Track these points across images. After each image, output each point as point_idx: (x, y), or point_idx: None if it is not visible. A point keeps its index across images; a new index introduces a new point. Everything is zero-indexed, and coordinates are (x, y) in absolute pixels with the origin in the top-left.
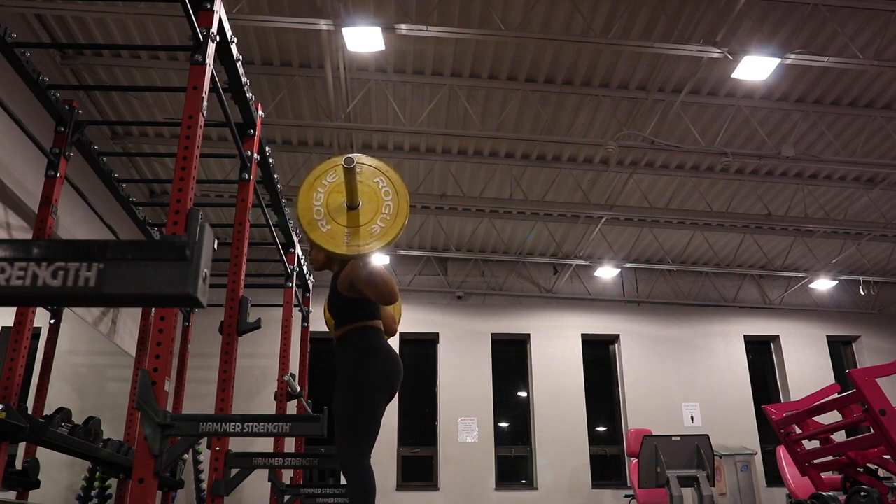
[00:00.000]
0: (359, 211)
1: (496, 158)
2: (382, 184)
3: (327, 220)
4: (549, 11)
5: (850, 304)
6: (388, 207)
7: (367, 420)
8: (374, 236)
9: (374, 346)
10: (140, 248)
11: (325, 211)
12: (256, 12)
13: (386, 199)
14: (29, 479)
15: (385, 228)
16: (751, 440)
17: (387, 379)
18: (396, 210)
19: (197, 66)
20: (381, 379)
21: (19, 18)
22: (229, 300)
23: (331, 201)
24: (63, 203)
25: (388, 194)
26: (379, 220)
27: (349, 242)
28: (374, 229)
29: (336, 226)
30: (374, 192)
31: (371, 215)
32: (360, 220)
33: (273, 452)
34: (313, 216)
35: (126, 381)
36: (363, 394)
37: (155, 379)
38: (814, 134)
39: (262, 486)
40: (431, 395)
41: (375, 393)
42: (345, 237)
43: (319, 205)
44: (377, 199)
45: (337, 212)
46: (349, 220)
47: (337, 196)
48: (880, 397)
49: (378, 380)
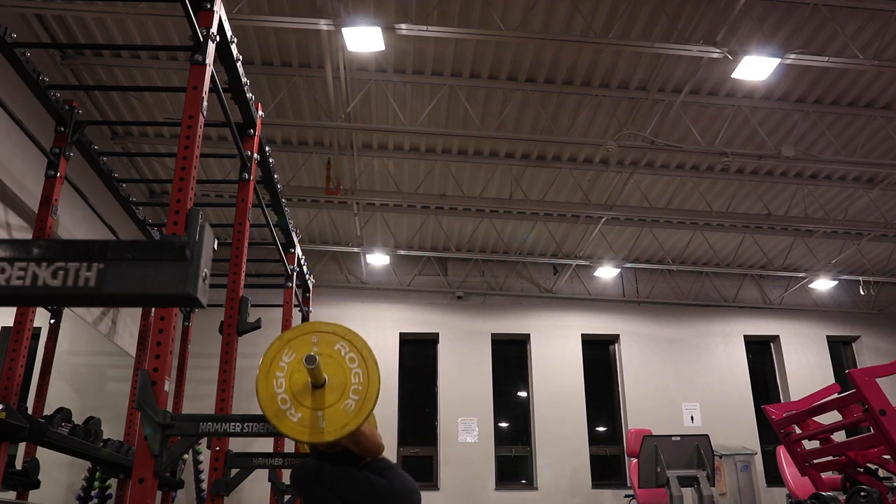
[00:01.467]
0: (325, 389)
1: (496, 158)
2: (345, 350)
3: (296, 408)
4: (549, 11)
5: (850, 304)
6: (358, 377)
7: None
8: (349, 415)
9: (398, 474)
10: (140, 248)
11: (290, 396)
12: (256, 12)
13: (353, 367)
14: (29, 479)
15: (359, 402)
16: (751, 440)
17: None
18: (367, 379)
19: (197, 66)
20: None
21: (19, 18)
22: (229, 300)
23: (293, 383)
24: (63, 203)
25: (353, 361)
26: (351, 394)
27: (325, 427)
28: (347, 406)
29: (305, 411)
30: (337, 362)
31: (340, 391)
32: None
33: (273, 452)
34: (279, 406)
35: (126, 381)
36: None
37: (155, 379)
38: (814, 134)
39: (262, 486)
40: (431, 395)
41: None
42: (319, 422)
43: (282, 391)
44: (343, 370)
45: (303, 394)
46: (316, 401)
47: (299, 376)
48: (880, 397)
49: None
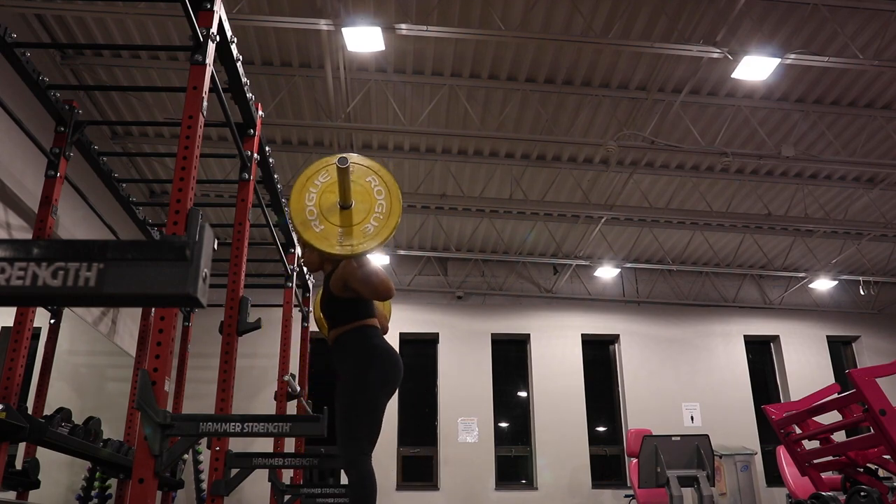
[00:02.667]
0: (352, 210)
1: (496, 158)
2: (375, 183)
3: (320, 220)
4: (549, 11)
5: (850, 304)
6: (381, 206)
7: (370, 420)
8: (367, 235)
9: (374, 345)
10: (140, 248)
11: (318, 211)
12: (256, 12)
13: (379, 199)
14: (29, 479)
15: (378, 227)
16: (751, 440)
17: (389, 378)
18: (389, 209)
19: (197, 66)
20: (384, 379)
21: (19, 18)
22: (229, 300)
23: (323, 201)
24: (63, 203)
25: (380, 193)
26: (372, 220)
27: (342, 242)
28: (367, 228)
29: (329, 225)
30: (366, 191)
31: (364, 214)
32: (353, 220)
33: (273, 452)
34: (306, 216)
35: (126, 381)
36: (367, 394)
37: (155, 379)
38: (814, 134)
39: (262, 486)
40: (431, 395)
41: (379, 393)
42: (338, 237)
43: (312, 205)
44: (370, 198)
45: (330, 211)
46: (342, 219)
47: (329, 196)
48: (880, 397)
49: (381, 380)
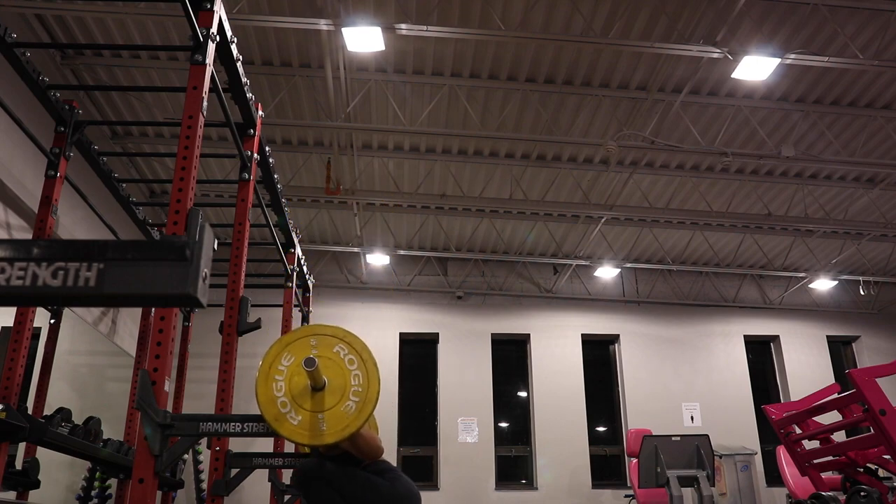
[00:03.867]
0: (325, 392)
1: (496, 158)
2: (343, 352)
3: (295, 410)
4: (549, 11)
5: (850, 304)
6: (357, 378)
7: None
8: (350, 416)
9: (398, 477)
10: (140, 248)
11: (290, 399)
12: (256, 12)
13: (352, 369)
14: (29, 479)
15: (359, 403)
16: (751, 440)
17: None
18: (367, 380)
19: (197, 66)
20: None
21: (19, 18)
22: (229, 300)
23: (293, 386)
24: (63, 203)
25: (352, 363)
26: (351, 396)
27: (326, 430)
28: (348, 407)
29: (306, 414)
30: (337, 364)
31: (340, 393)
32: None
33: (273, 452)
34: (279, 410)
35: (126, 381)
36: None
37: (155, 379)
38: (814, 134)
39: (262, 486)
40: (431, 395)
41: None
42: (319, 424)
43: (282, 395)
44: (342, 372)
45: (302, 397)
46: (316, 403)
47: (298, 380)
48: (880, 397)
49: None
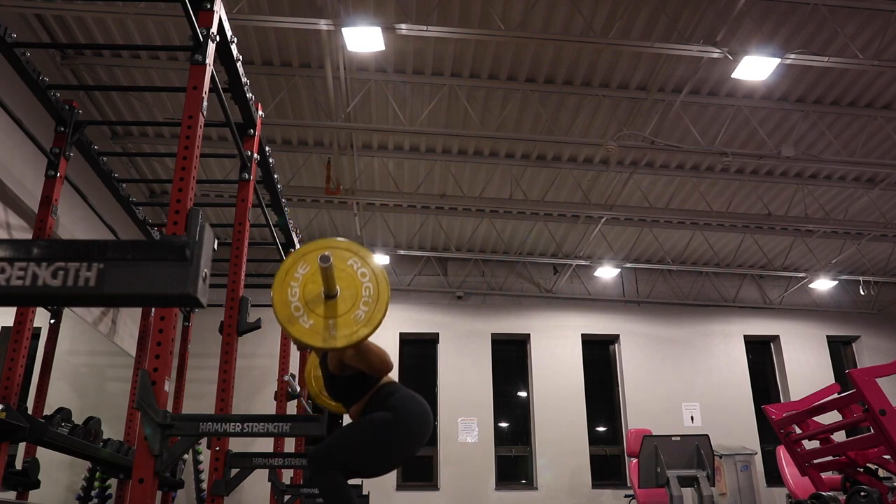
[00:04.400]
0: (337, 300)
1: (496, 158)
2: (357, 266)
3: (307, 314)
4: (549, 11)
5: (850, 304)
6: (368, 290)
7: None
8: (359, 323)
9: (403, 398)
10: (140, 248)
11: (303, 304)
12: (256, 12)
13: (364, 282)
14: (29, 479)
15: (369, 313)
16: (751, 440)
17: (415, 433)
18: (377, 292)
19: (197, 66)
20: (409, 432)
21: (19, 18)
22: (229, 300)
23: (307, 293)
24: (63, 203)
25: (364, 276)
26: (361, 305)
27: (335, 334)
28: (357, 315)
29: (317, 318)
30: (350, 276)
31: (352, 302)
32: (340, 309)
33: (273, 452)
34: (291, 312)
35: (126, 381)
36: (384, 436)
37: (155, 379)
38: (814, 134)
39: (262, 486)
40: (431, 395)
41: (396, 442)
42: (329, 329)
43: (296, 299)
44: (355, 283)
45: (315, 303)
46: (329, 310)
47: (312, 287)
48: (880, 397)
49: (406, 433)
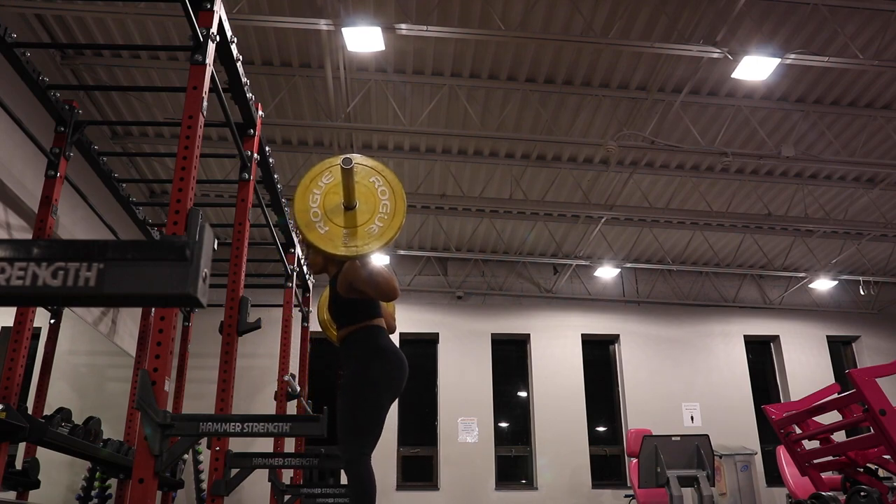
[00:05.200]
0: (356, 211)
1: (496, 158)
2: (379, 183)
3: (324, 222)
4: (549, 11)
5: (850, 304)
6: (386, 207)
7: (372, 420)
8: (372, 236)
9: (380, 345)
10: (140, 248)
11: (322, 212)
12: (256, 12)
13: (383, 199)
14: (29, 479)
15: (383, 228)
16: (751, 440)
17: (393, 379)
18: (394, 210)
19: (197, 66)
20: (388, 379)
21: (19, 18)
22: (229, 300)
23: (327, 202)
24: (63, 203)
25: (384, 194)
26: (377, 220)
27: (347, 243)
28: (371, 229)
29: (334, 227)
30: (370, 191)
31: (368, 215)
32: (357, 221)
33: (273, 452)
34: (310, 217)
35: (126, 381)
36: (370, 394)
37: (155, 379)
38: (814, 134)
39: (262, 486)
40: (431, 395)
41: (382, 393)
42: (343, 238)
43: (316, 206)
44: (374, 198)
45: (334, 213)
46: (346, 220)
47: (333, 197)
48: (880, 397)
49: (385, 380)
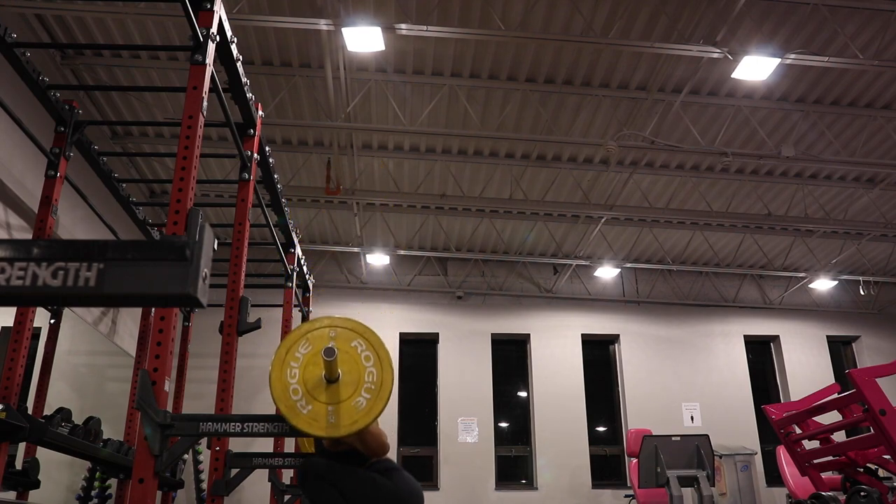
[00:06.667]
0: (339, 384)
1: (496, 158)
2: (361, 348)
3: (307, 400)
4: (549, 11)
5: (850, 304)
6: (371, 375)
7: None
8: (359, 412)
9: (399, 477)
10: (140, 248)
11: (303, 389)
12: (256, 12)
13: (367, 366)
14: (29, 479)
15: (371, 401)
16: (751, 440)
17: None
18: (381, 379)
19: (197, 66)
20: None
21: (19, 18)
22: (229, 300)
23: (307, 376)
24: (63, 203)
25: (368, 359)
26: (363, 392)
27: (336, 422)
28: (358, 403)
29: (317, 405)
30: (353, 359)
31: (353, 388)
32: (341, 395)
33: (273, 452)
34: (291, 397)
35: (126, 381)
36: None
37: (155, 379)
38: (814, 134)
39: (262, 486)
40: (431, 395)
41: None
42: (328, 417)
43: (295, 382)
44: (358, 367)
45: (316, 388)
46: (329, 395)
47: (313, 369)
48: (880, 397)
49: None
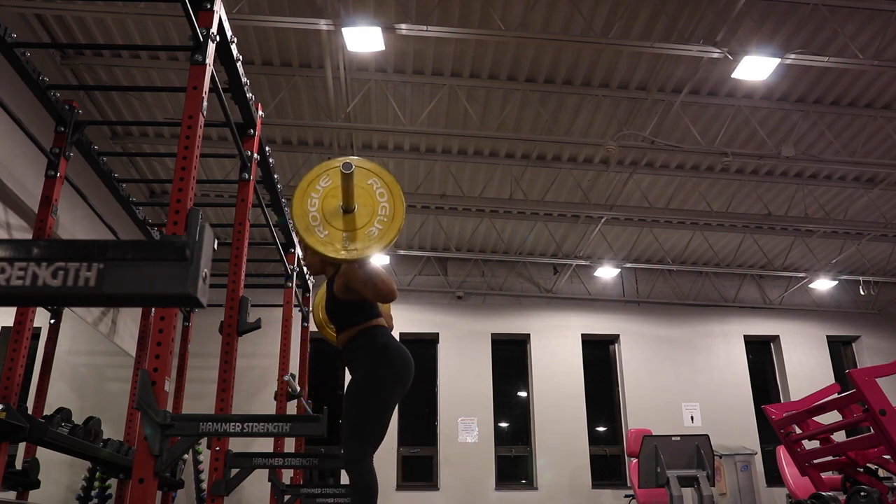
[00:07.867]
0: (355, 214)
1: (496, 158)
2: (377, 186)
3: (324, 226)
4: (549, 11)
5: (850, 304)
6: (385, 209)
7: (377, 421)
8: (372, 239)
9: (386, 345)
10: (140, 248)
11: (321, 216)
12: (256, 12)
13: (381, 201)
14: (29, 479)
15: (383, 230)
16: (751, 440)
17: (401, 378)
18: (393, 212)
19: (197, 66)
20: (396, 379)
21: (19, 18)
22: (229, 300)
23: (326, 206)
24: (63, 203)
25: (382, 196)
26: (376, 223)
27: (347, 246)
28: (371, 232)
29: (333, 230)
30: (368, 194)
31: (368, 218)
32: (356, 224)
33: (273, 452)
34: (309, 221)
35: (126, 381)
36: (378, 395)
37: (155, 379)
38: (814, 134)
39: (262, 486)
40: (431, 395)
41: (390, 393)
42: (342, 241)
43: (314, 210)
44: (373, 201)
45: (333, 216)
46: (345, 223)
47: (332, 200)
48: (880, 397)
49: (393, 380)
